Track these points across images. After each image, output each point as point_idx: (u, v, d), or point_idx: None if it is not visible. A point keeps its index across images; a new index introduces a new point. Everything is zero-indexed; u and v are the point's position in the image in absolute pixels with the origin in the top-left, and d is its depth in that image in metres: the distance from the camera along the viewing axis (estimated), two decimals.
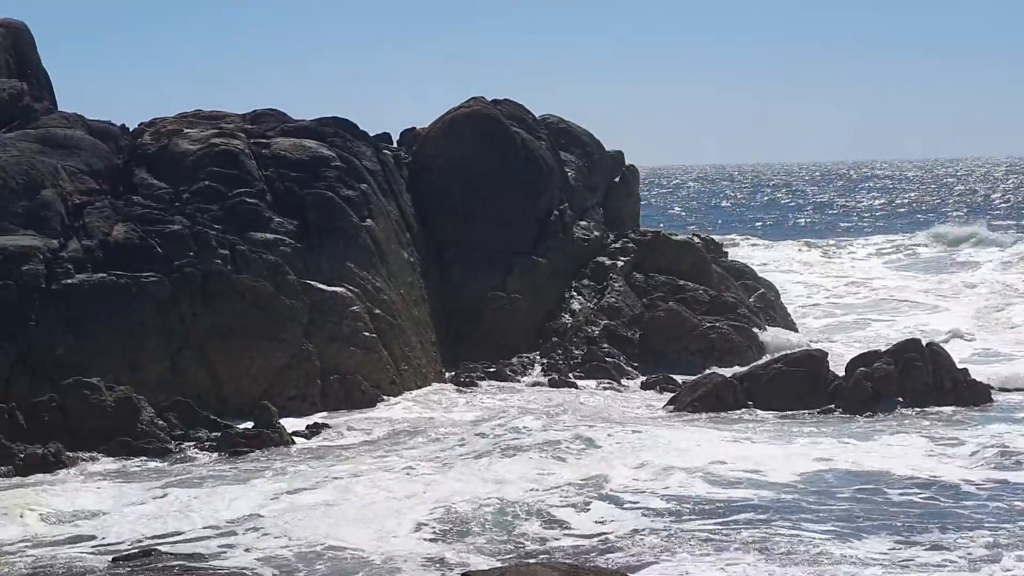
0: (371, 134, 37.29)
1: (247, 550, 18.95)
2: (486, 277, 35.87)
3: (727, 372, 31.24)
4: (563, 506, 21.07)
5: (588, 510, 20.86)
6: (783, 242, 72.28)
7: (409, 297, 33.49)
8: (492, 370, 33.10)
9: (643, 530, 19.67)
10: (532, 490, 21.95)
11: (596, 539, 19.38)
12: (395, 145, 39.25)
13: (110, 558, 18.52)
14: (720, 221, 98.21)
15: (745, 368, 31.57)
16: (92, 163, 32.53)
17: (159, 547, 18.95)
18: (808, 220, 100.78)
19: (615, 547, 18.87)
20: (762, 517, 20.19)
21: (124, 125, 35.40)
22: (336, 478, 22.98)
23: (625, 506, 21.04)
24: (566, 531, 19.81)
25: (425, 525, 20.02)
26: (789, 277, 54.58)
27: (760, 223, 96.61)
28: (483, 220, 36.52)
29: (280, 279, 30.13)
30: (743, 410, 29.00)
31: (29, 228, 29.84)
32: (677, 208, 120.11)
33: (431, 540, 19.34)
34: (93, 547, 19.32)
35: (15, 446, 24.63)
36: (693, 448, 24.79)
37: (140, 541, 19.47)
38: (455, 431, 27.18)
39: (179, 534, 19.86)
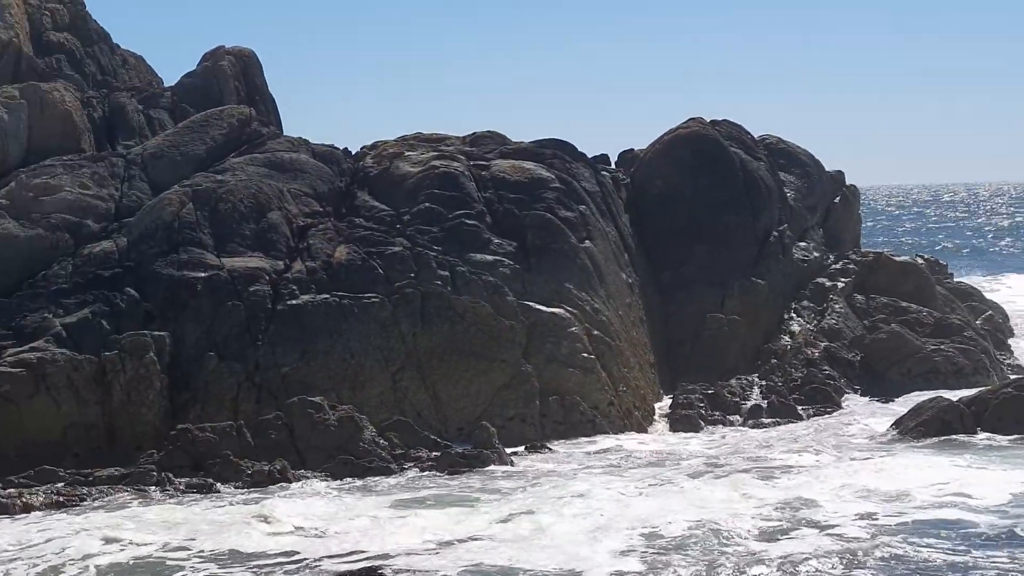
0: (589, 155, 37.34)
1: (463, 570, 19.07)
2: (704, 298, 35.62)
3: (953, 396, 30.39)
4: (774, 530, 20.71)
5: (795, 537, 20.42)
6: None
7: (627, 318, 33.40)
8: (710, 392, 32.80)
9: (862, 557, 19.21)
10: (741, 515, 21.63)
11: (806, 565, 18.97)
12: (613, 166, 39.27)
13: (335, 572, 18.82)
14: (943, 244, 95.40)
15: (972, 392, 30.68)
16: (316, 186, 33.24)
17: (382, 563, 19.19)
18: None
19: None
20: (1009, 550, 19.47)
21: (347, 148, 36.14)
22: (554, 499, 22.97)
23: (842, 532, 20.57)
24: (783, 557, 19.47)
25: (633, 551, 19.83)
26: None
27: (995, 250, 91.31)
28: (702, 241, 36.31)
29: (499, 300, 30.33)
30: (971, 435, 28.12)
31: (256, 250, 30.62)
32: (902, 229, 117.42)
33: (640, 563, 19.15)
34: (316, 560, 19.67)
35: (243, 463, 25.27)
36: (920, 474, 24.18)
37: (363, 557, 19.75)
38: (670, 455, 26.98)
39: (400, 551, 20.07)
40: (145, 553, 20.33)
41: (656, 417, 31.61)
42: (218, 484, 24.74)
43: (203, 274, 29.43)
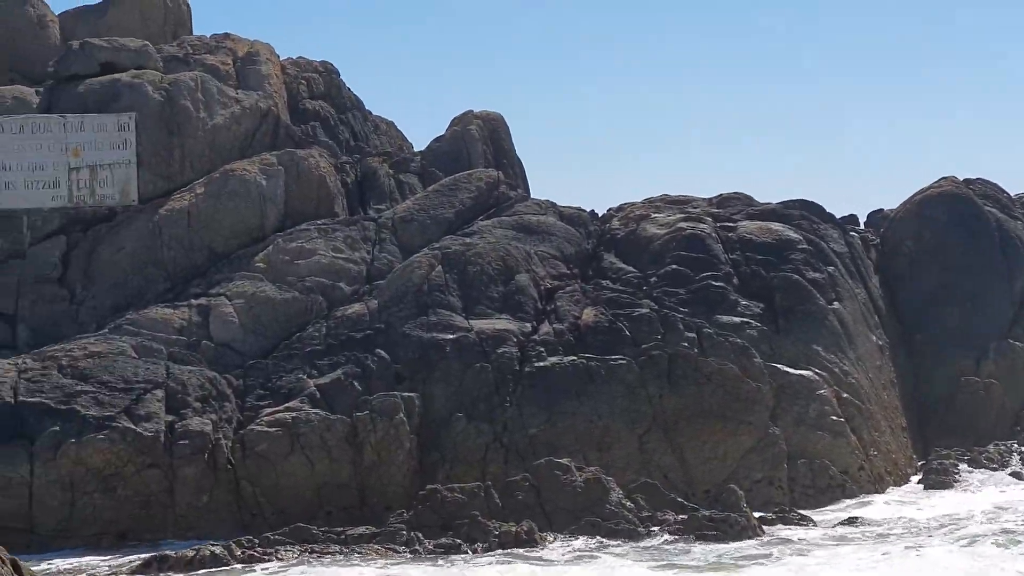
0: (838, 216, 36.78)
1: None
2: (958, 361, 34.67)
3: None
4: None
5: None
6: None
7: (877, 381, 32.71)
8: (966, 457, 31.85)
9: None
10: None
11: None
12: (862, 226, 38.60)
13: None
14: None
15: None
16: (563, 248, 33.47)
17: None
18: None
19: None
20: None
21: (593, 210, 36.30)
22: (803, 567, 22.52)
23: None
24: None
25: None
26: None
27: None
28: (955, 303, 35.38)
29: (746, 361, 30.01)
30: None
31: (504, 312, 30.93)
32: None
33: None
34: None
35: (491, 523, 25.42)
36: None
37: None
38: (929, 523, 26.24)
39: None
40: None
41: (911, 482, 30.83)
42: (465, 544, 24.92)
43: (452, 336, 29.85)
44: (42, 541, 26.68)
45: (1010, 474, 31.12)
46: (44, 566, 24.38)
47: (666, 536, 25.52)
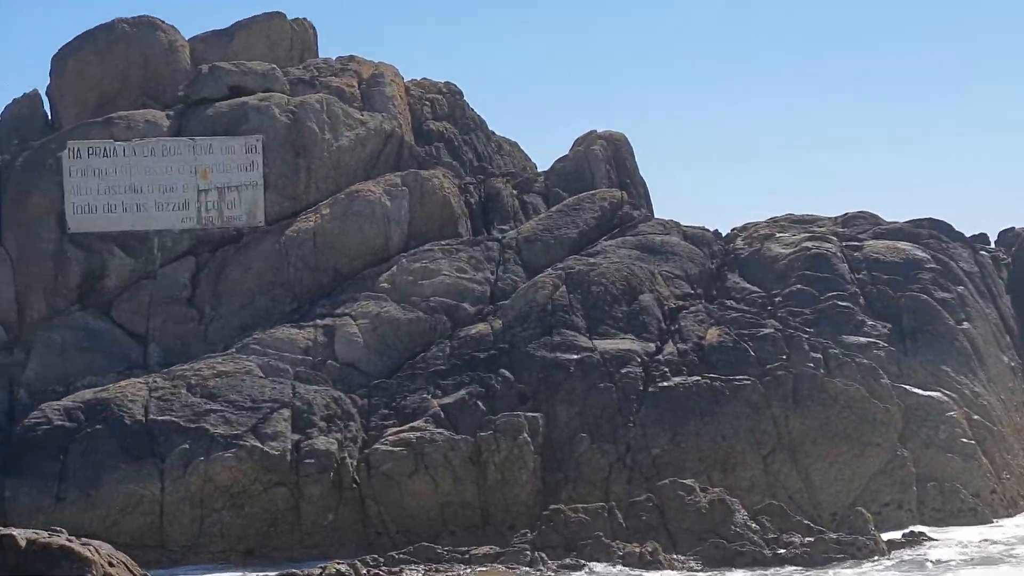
0: (967, 234, 36.19)
1: None
2: None
3: None
4: None
5: None
6: None
7: (1010, 403, 32.12)
8: None
9: None
10: None
11: None
12: (992, 245, 37.94)
13: None
14: None
15: None
16: (687, 268, 33.33)
17: None
18: None
19: None
20: None
21: (717, 231, 36.10)
22: None
23: None
24: None
25: None
26: None
27: None
28: None
29: (873, 383, 29.64)
30: None
31: (628, 332, 30.86)
32: None
33: None
34: None
35: (615, 544, 25.35)
36: None
37: None
38: None
39: None
40: None
41: None
42: (589, 564, 24.87)
43: (576, 356, 29.84)
44: (172, 557, 27.14)
45: None
46: None
47: (792, 558, 25.17)
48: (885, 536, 26.37)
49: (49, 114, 38.47)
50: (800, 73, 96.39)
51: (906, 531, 27.15)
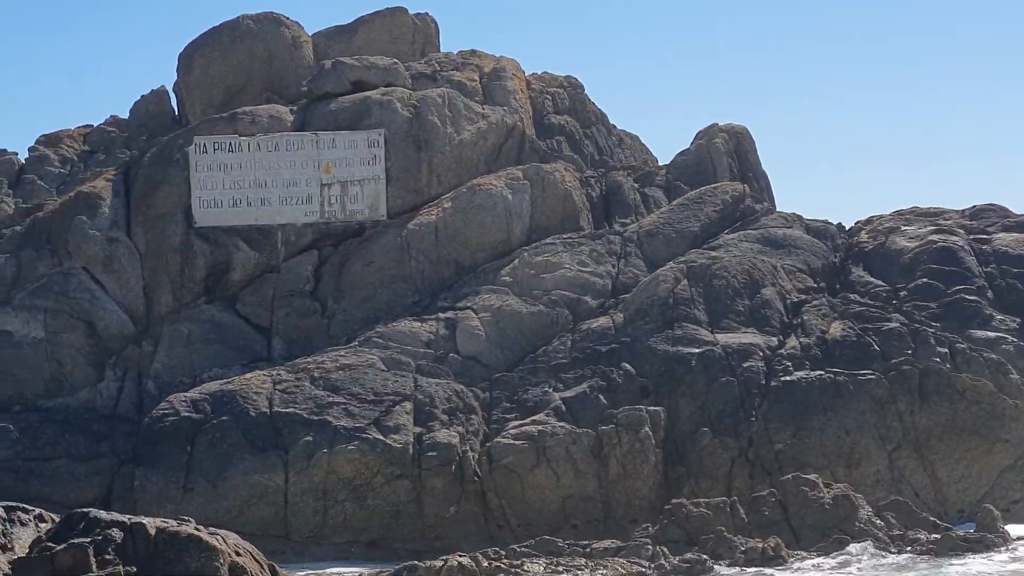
0: None
1: None
2: None
3: None
4: None
5: None
6: None
7: None
8: None
9: None
10: None
11: None
12: None
13: None
14: None
15: None
16: (810, 261, 33.01)
17: None
18: None
19: None
20: None
21: (840, 224, 35.70)
22: None
23: None
24: None
25: None
26: None
27: None
28: None
29: (1002, 378, 29.15)
30: None
31: (750, 326, 30.65)
32: None
33: None
34: None
35: (737, 539, 25.16)
36: None
37: None
38: None
39: None
40: None
41: None
42: (711, 560, 24.69)
43: (697, 350, 29.68)
44: (296, 548, 27.44)
45: None
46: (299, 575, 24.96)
47: (917, 556, 24.82)
48: (1014, 532, 25.91)
49: (176, 110, 39.16)
50: (923, 65, 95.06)
51: None
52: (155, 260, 33.37)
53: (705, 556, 24.74)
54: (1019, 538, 25.79)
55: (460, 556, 24.65)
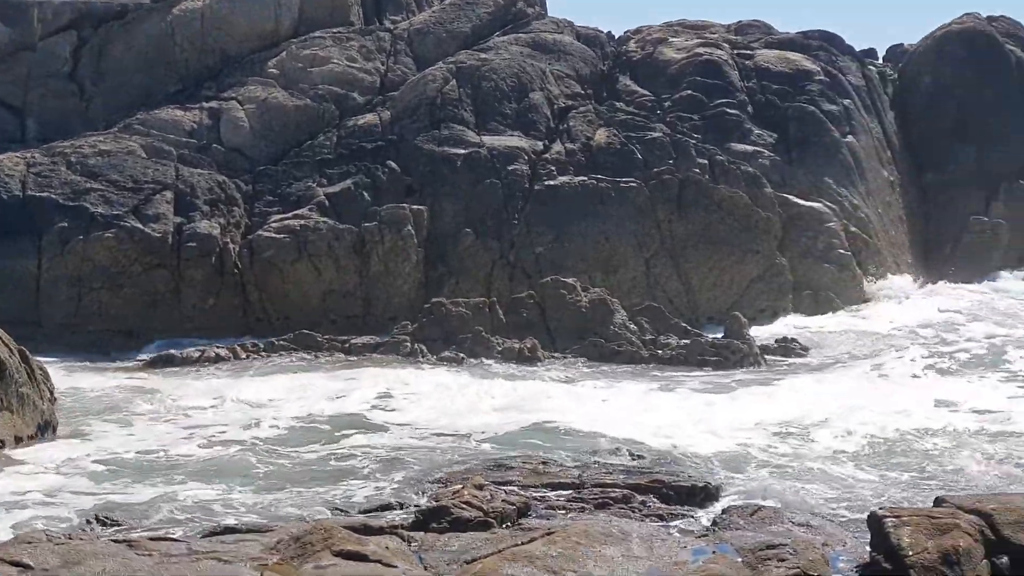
0: (856, 49, 36.36)
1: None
2: (968, 201, 34.54)
3: None
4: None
5: None
6: None
7: (886, 216, 32.67)
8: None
9: None
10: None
11: None
12: (880, 61, 38.18)
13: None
14: None
15: None
16: (578, 68, 33.15)
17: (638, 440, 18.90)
18: None
19: None
20: None
21: (610, 32, 35.92)
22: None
23: None
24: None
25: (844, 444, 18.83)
26: None
27: None
28: (969, 141, 35.13)
29: (757, 191, 29.93)
30: None
31: (516, 129, 30.75)
32: None
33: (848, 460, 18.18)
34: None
35: (494, 339, 25.52)
36: None
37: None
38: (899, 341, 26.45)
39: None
40: None
41: None
42: (468, 359, 25.03)
43: (463, 151, 29.70)
44: (49, 336, 26.78)
45: None
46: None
47: (668, 358, 25.49)
48: (759, 339, 26.78)
49: None
50: None
51: (779, 337, 27.61)
52: None
53: (463, 354, 25.08)
54: (763, 347, 26.63)
55: (218, 347, 24.55)
